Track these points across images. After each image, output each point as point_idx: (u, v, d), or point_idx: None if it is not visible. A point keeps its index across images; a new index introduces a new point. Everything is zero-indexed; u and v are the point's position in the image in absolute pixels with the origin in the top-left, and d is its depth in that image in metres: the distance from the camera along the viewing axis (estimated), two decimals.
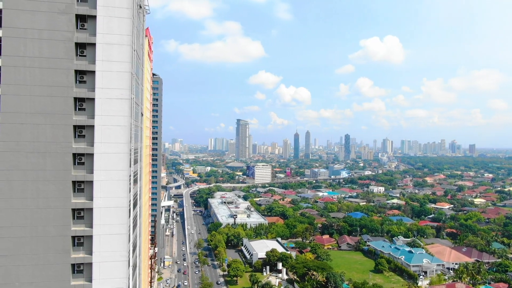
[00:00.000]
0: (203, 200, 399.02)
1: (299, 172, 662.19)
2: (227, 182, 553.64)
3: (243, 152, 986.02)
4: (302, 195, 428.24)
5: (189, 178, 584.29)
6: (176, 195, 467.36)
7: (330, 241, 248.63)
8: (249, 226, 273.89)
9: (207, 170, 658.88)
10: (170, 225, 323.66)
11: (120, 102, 46.30)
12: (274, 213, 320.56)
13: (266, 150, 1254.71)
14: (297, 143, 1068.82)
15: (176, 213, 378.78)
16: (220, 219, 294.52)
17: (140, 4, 59.19)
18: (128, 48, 46.60)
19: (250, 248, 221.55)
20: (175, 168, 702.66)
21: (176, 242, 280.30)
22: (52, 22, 45.08)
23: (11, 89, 44.30)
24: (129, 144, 47.11)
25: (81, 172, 46.38)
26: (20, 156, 44.40)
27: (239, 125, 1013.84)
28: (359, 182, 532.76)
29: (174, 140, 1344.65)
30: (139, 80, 59.31)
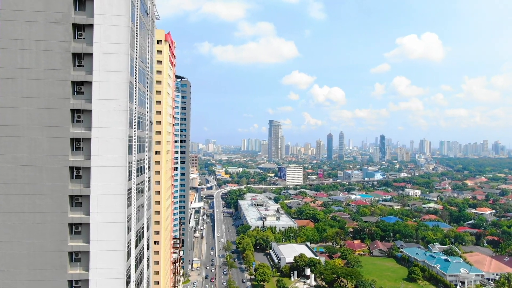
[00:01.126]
0: (233, 201, 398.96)
1: (332, 173, 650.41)
2: (259, 183, 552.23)
3: (276, 153, 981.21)
4: (334, 198, 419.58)
5: (221, 179, 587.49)
6: (207, 196, 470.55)
7: (361, 246, 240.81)
8: (278, 229, 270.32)
9: (239, 171, 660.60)
10: (200, 227, 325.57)
11: (117, 113, 44.69)
12: (305, 216, 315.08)
13: (299, 151, 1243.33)
14: (331, 144, 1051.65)
15: (207, 214, 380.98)
16: (249, 221, 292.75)
17: (147, 11, 57.65)
18: (126, 57, 44.91)
19: (278, 252, 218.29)
20: (208, 169, 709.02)
21: (205, 244, 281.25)
22: (49, 33, 44.13)
23: (9, 102, 43.69)
24: (127, 157, 45.39)
25: (78, 186, 45.16)
26: (17, 170, 43.73)
27: (271, 126, 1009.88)
28: (394, 185, 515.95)
29: (207, 141, 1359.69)
30: (145, 89, 57.78)
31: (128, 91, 45.26)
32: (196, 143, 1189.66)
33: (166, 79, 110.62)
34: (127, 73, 44.98)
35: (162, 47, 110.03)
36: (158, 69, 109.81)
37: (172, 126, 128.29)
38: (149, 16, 59.81)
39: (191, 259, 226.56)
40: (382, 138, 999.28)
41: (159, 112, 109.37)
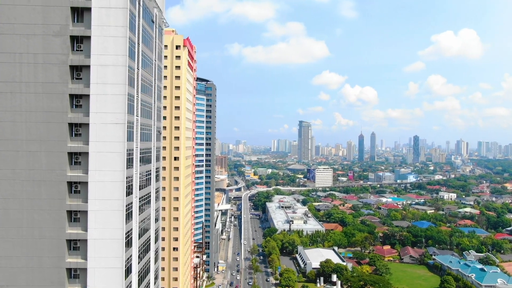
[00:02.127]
0: (261, 203, 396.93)
1: (363, 175, 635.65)
2: (287, 185, 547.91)
3: (306, 154, 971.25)
4: (364, 201, 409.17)
5: (249, 180, 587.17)
6: (236, 197, 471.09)
7: (391, 252, 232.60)
8: (305, 233, 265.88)
9: (268, 173, 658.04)
10: (227, 229, 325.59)
11: (115, 127, 43.54)
12: (333, 219, 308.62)
13: (329, 151, 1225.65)
14: (362, 145, 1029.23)
15: (235, 216, 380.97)
16: (276, 224, 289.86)
17: (153, 19, 56.46)
18: (123, 69, 43.69)
19: (305, 257, 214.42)
20: (237, 170, 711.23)
21: (231, 246, 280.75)
22: (46, 46, 43.61)
23: (8, 116, 43.48)
24: (125, 171, 44.17)
25: (76, 201, 44.39)
26: (15, 185, 43.45)
27: (301, 127, 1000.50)
28: (428, 188, 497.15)
29: (238, 142, 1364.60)
30: (150, 99, 56.59)
31: (126, 104, 44.04)
32: (226, 144, 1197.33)
33: (185, 84, 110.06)
34: (125, 85, 43.76)
35: (180, 53, 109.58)
36: (177, 75, 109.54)
37: (192, 131, 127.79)
38: (156, 24, 58.63)
39: (217, 262, 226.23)
40: (416, 139, 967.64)
41: (178, 118, 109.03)
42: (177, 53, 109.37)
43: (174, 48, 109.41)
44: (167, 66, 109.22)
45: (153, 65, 57.48)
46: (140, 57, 50.03)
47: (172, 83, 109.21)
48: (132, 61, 46.65)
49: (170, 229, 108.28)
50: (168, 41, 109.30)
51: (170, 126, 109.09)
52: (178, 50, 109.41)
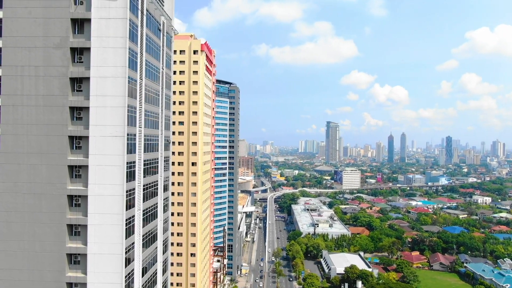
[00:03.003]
0: (286, 205, 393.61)
1: (392, 177, 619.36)
2: (314, 186, 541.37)
3: (333, 155, 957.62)
4: (392, 204, 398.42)
5: (276, 181, 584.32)
6: (261, 199, 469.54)
7: (420, 258, 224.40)
8: (331, 237, 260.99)
9: (294, 174, 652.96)
10: (252, 231, 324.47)
11: (114, 140, 42.75)
12: (360, 223, 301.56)
13: (358, 152, 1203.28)
14: (392, 146, 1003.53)
15: (260, 218, 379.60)
16: (300, 227, 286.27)
17: (159, 27, 55.58)
18: (122, 80, 42.83)
19: (329, 262, 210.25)
20: (264, 171, 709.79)
21: (255, 249, 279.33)
22: (47, 58, 43.37)
23: (10, 129, 43.55)
24: (124, 185, 43.32)
25: (77, 214, 43.93)
26: (17, 197, 43.46)
27: (328, 128, 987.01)
28: (461, 191, 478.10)
29: (265, 143, 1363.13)
30: (156, 108, 55.71)
31: (126, 116, 43.16)
32: (253, 145, 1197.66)
33: (202, 89, 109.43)
34: (124, 97, 42.91)
35: (198, 57, 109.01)
36: (195, 80, 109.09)
37: (211, 135, 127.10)
38: (163, 32, 57.75)
39: (240, 265, 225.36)
40: (449, 139, 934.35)
41: (195, 123, 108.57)
42: (194, 58, 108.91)
43: (191, 53, 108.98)
44: (184, 71, 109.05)
45: (160, 74, 56.63)
46: (144, 67, 49.17)
47: (190, 88, 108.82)
48: (133, 71, 45.83)
49: (188, 235, 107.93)
50: (185, 46, 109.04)
51: (188, 131, 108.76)
52: (195, 55, 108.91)
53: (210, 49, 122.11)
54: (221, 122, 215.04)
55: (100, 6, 42.66)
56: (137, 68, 46.87)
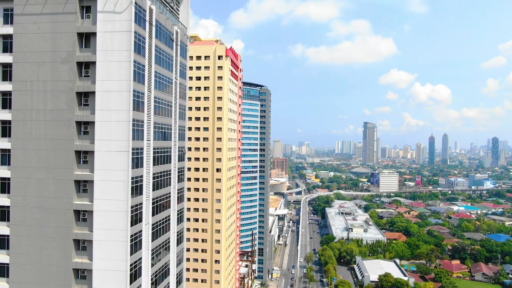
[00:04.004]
0: (320, 208, 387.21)
1: (432, 180, 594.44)
2: (350, 189, 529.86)
3: (371, 156, 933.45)
4: (432, 209, 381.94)
5: (310, 183, 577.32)
6: (295, 201, 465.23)
7: (461, 268, 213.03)
8: (365, 242, 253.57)
9: (330, 176, 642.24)
10: (284, 234, 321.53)
11: (119, 155, 42.20)
12: (396, 228, 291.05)
13: (397, 154, 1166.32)
14: (432, 147, 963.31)
15: (293, 220, 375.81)
16: (334, 231, 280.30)
17: (171, 37, 54.81)
18: (127, 94, 42.19)
19: (363, 268, 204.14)
20: (298, 173, 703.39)
21: (287, 252, 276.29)
22: (55, 73, 43.54)
23: (19, 143, 44.08)
24: (129, 201, 42.66)
25: (83, 229, 43.81)
26: (25, 211, 43.92)
27: (366, 128, 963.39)
28: (508, 196, 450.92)
29: (301, 143, 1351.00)
30: (168, 119, 54.91)
31: (131, 130, 42.47)
32: (289, 146, 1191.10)
33: (227, 95, 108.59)
34: (128, 111, 42.27)
35: (222, 63, 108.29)
36: (219, 85, 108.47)
37: (237, 140, 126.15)
38: (177, 41, 56.94)
39: (271, 269, 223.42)
40: (495, 140, 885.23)
41: (220, 129, 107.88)
42: (219, 64, 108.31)
43: (216, 58, 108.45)
44: (209, 77, 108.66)
45: (172, 85, 55.88)
46: (153, 79, 48.48)
47: (215, 94, 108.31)
48: (140, 84, 45.17)
49: (212, 242, 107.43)
50: (210, 52, 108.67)
51: (213, 137, 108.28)
52: (220, 61, 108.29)
53: (236, 54, 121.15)
54: (252, 125, 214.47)
55: (105, 20, 42.32)
56: (145, 81, 46.20)
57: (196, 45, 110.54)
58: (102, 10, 42.20)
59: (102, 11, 42.20)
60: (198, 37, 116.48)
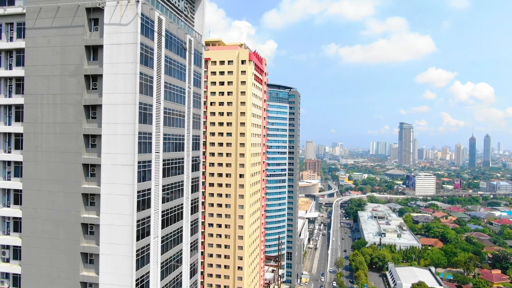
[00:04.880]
0: (353, 211, 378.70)
1: (473, 183, 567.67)
2: (384, 191, 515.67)
3: (407, 158, 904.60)
4: (471, 214, 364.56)
5: (343, 185, 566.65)
6: (327, 203, 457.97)
7: (502, 278, 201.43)
8: (398, 248, 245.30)
9: (363, 178, 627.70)
10: (315, 237, 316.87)
11: (124, 168, 41.73)
12: (432, 234, 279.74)
13: (434, 155, 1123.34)
14: (473, 148, 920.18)
15: (324, 223, 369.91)
16: (366, 236, 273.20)
17: (184, 46, 54.00)
18: (132, 107, 41.65)
19: (395, 276, 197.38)
20: (331, 174, 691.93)
21: (318, 256, 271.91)
22: (64, 86, 43.74)
23: (31, 156, 44.60)
24: (134, 215, 42.14)
25: (91, 243, 43.73)
26: (36, 223, 44.38)
27: (402, 129, 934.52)
28: None
29: (334, 144, 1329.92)
30: (180, 129, 54.13)
31: (136, 144, 41.91)
32: (322, 146, 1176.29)
33: (250, 99, 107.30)
34: (134, 125, 41.73)
35: (246, 67, 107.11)
36: (242, 90, 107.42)
37: (262, 145, 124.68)
38: (190, 50, 56.14)
39: (300, 273, 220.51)
40: None
41: (243, 135, 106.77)
42: (242, 68, 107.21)
43: (239, 63, 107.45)
44: (232, 81, 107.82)
45: (185, 94, 55.10)
46: (162, 90, 47.83)
47: (238, 99, 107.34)
48: (147, 96, 44.57)
49: (235, 248, 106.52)
50: (233, 56, 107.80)
51: (236, 141, 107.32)
52: (243, 65, 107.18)
53: (260, 58, 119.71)
54: (281, 127, 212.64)
55: (112, 32, 42.03)
56: (153, 93, 45.60)
57: (219, 50, 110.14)
58: (108, 22, 41.96)
59: (109, 24, 41.96)
60: (221, 42, 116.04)
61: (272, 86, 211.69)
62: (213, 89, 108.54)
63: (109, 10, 41.96)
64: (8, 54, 47.07)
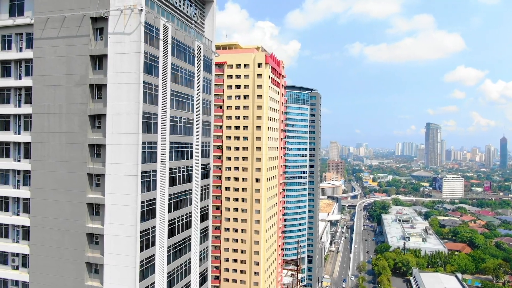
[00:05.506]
0: (376, 214, 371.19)
1: (504, 186, 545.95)
2: (410, 194, 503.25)
3: (434, 159, 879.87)
4: (502, 218, 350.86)
5: (367, 187, 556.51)
6: (350, 205, 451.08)
7: None
8: (423, 253, 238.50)
9: (388, 179, 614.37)
10: (337, 240, 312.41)
11: (128, 179, 41.33)
12: (459, 238, 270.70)
13: (463, 156, 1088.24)
14: (505, 149, 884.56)
15: (347, 226, 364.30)
16: (389, 240, 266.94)
17: (192, 53, 53.37)
18: (135, 117, 41.20)
19: (420, 282, 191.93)
20: (355, 176, 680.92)
21: (339, 260, 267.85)
22: (69, 95, 43.81)
23: (38, 165, 44.91)
24: (138, 226, 41.65)
25: (95, 253, 43.60)
26: (44, 232, 44.64)
27: (429, 129, 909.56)
28: None
29: (358, 145, 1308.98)
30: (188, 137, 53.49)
31: (140, 154, 41.46)
32: (346, 147, 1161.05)
33: (267, 103, 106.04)
34: (137, 135, 41.27)
35: (262, 71, 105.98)
36: (258, 94, 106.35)
37: (280, 149, 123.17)
38: (200, 56, 55.48)
39: (321, 277, 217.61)
40: None
41: (259, 139, 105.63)
42: (258, 72, 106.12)
43: (256, 66, 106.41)
44: (249, 85, 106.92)
45: (194, 101, 54.47)
46: (168, 98, 47.31)
47: (254, 102, 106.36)
48: (152, 105, 44.06)
49: (251, 253, 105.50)
50: (250, 60, 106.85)
51: (252, 146, 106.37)
52: (260, 68, 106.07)
53: (277, 60, 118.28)
54: (301, 129, 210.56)
55: (116, 41, 41.76)
56: (158, 101, 45.09)
57: (235, 53, 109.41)
58: (112, 31, 41.73)
59: (113, 33, 41.72)
60: (238, 45, 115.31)
61: (292, 87, 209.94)
62: (230, 92, 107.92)
63: (113, 19, 41.74)
64: (18, 64, 47.69)
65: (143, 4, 41.23)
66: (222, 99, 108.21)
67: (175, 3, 50.63)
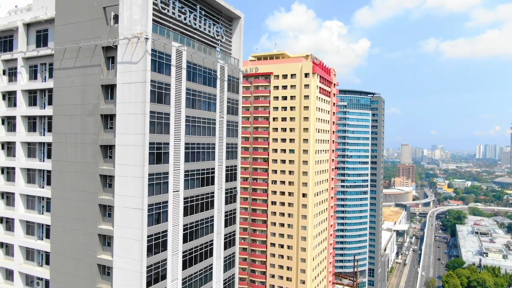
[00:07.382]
0: (450, 224, 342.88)
1: None
2: (491, 202, 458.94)
3: None
4: None
5: (441, 193, 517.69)
6: (421, 213, 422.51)
7: None
8: (503, 272, 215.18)
9: (466, 185, 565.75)
10: (405, 251, 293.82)
11: (135, 212, 40.11)
12: None
13: None
14: None
15: (417, 236, 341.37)
16: (463, 254, 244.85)
17: (215, 75, 51.08)
18: (141, 149, 39.78)
19: None
20: (429, 181, 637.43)
21: (406, 273, 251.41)
22: (83, 125, 43.87)
23: (58, 193, 45.61)
24: (143, 261, 40.17)
25: (107, 284, 43.00)
26: (61, 260, 45.17)
27: None
28: None
29: (434, 147, 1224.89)
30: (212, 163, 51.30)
31: (145, 187, 40.02)
32: (419, 149, 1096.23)
33: (314, 114, 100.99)
34: (142, 167, 39.84)
35: (309, 81, 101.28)
36: (305, 105, 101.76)
37: (331, 161, 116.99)
38: (222, 77, 53.14)
39: None
40: None
41: (306, 152, 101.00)
42: (305, 82, 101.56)
43: (303, 76, 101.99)
44: (295, 96, 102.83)
45: (216, 124, 52.18)
46: (183, 125, 45.48)
47: (301, 114, 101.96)
48: (162, 135, 42.49)
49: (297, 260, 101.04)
50: (296, 70, 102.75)
51: (299, 160, 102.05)
52: (306, 78, 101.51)
53: (327, 69, 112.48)
54: (361, 136, 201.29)
55: (124, 71, 40.89)
56: (169, 130, 43.42)
57: (282, 63, 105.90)
58: (121, 61, 40.91)
59: (121, 62, 40.90)
60: (285, 54, 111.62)
61: (352, 92, 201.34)
62: (276, 104, 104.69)
63: (122, 48, 40.91)
64: (43, 93, 49.22)
65: (150, 32, 39.87)
66: (269, 110, 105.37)
67: (194, 24, 48.81)
